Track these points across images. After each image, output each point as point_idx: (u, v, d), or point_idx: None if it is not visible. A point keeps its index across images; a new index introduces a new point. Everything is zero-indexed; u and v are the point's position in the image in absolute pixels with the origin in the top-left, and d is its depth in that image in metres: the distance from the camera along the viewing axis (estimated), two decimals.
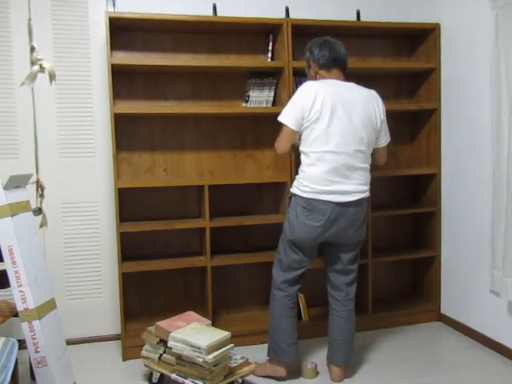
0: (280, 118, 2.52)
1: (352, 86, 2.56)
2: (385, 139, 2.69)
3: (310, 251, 2.60)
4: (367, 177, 2.58)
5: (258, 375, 2.70)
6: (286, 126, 2.50)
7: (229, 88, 3.30)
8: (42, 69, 2.27)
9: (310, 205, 2.47)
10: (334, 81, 2.54)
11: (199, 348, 2.32)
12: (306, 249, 2.58)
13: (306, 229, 2.50)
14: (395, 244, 3.66)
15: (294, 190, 2.55)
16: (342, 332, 2.66)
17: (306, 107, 2.44)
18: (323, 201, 2.45)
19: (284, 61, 3.08)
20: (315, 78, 2.60)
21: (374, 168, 3.54)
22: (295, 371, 2.74)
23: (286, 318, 2.63)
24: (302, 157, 2.54)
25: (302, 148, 2.53)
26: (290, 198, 2.58)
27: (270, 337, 2.69)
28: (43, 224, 2.48)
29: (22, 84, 2.27)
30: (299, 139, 2.54)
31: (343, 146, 2.45)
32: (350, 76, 3.47)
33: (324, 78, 2.56)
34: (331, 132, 2.44)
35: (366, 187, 2.56)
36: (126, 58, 3.12)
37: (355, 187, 2.50)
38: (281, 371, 2.66)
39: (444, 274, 3.44)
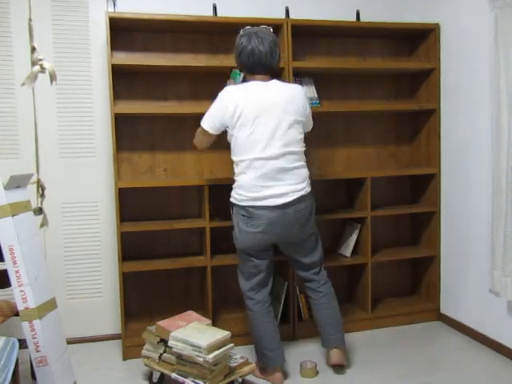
0: (201, 123, 2.58)
1: (275, 86, 2.52)
2: (310, 127, 2.70)
3: (261, 255, 2.60)
4: (303, 174, 2.54)
5: (257, 376, 2.71)
6: (203, 128, 2.57)
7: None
8: (42, 69, 2.27)
9: (248, 212, 2.49)
10: (256, 82, 2.52)
11: (199, 347, 2.32)
12: (255, 254, 2.59)
13: (248, 236, 2.52)
14: (395, 244, 3.67)
15: (231, 199, 2.58)
16: (326, 317, 2.70)
17: (227, 116, 2.48)
18: (259, 206, 2.46)
19: (284, 61, 3.08)
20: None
21: (375, 168, 3.58)
22: (295, 371, 2.74)
23: (263, 324, 2.63)
24: (234, 166, 2.56)
25: (232, 157, 2.55)
26: (232, 207, 2.60)
27: (254, 346, 2.70)
28: (44, 224, 2.49)
29: (23, 84, 2.27)
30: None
31: (270, 150, 2.44)
32: (350, 77, 3.51)
33: (248, 79, 2.59)
34: (256, 138, 2.44)
35: (302, 185, 2.52)
36: (126, 58, 3.13)
37: (289, 187, 2.48)
38: (276, 378, 2.63)
39: (444, 274, 3.44)
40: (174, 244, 3.29)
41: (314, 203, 2.62)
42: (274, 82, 2.55)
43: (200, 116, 3.23)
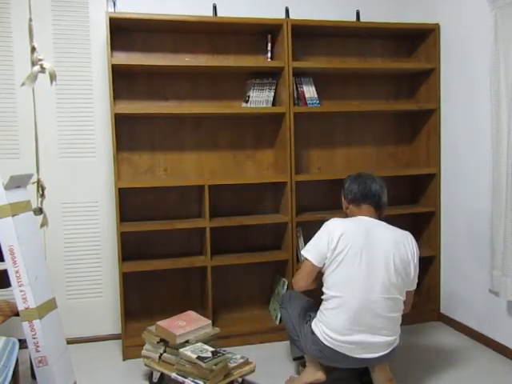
0: (303, 252, 2.38)
1: (382, 225, 2.40)
2: (414, 284, 2.41)
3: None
4: (397, 324, 2.34)
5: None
6: (307, 259, 2.34)
7: (229, 88, 3.31)
8: (42, 69, 2.27)
9: (323, 349, 2.30)
10: (363, 217, 2.39)
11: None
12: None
13: (312, 350, 2.37)
14: None
15: (315, 330, 2.34)
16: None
17: (330, 247, 2.28)
18: (337, 352, 2.26)
19: (284, 61, 3.09)
20: (346, 215, 2.50)
21: (375, 168, 3.57)
22: (295, 371, 2.74)
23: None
24: (323, 299, 2.35)
25: (323, 289, 2.35)
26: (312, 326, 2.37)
27: (290, 340, 2.59)
28: (44, 224, 2.49)
29: (23, 84, 2.27)
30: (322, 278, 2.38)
31: (368, 292, 2.23)
32: (350, 77, 3.51)
33: (354, 214, 2.44)
34: (355, 276, 2.24)
35: (394, 337, 2.31)
36: (126, 58, 3.13)
37: (381, 338, 2.26)
38: (319, 375, 2.47)
39: (444, 274, 3.44)
40: (174, 244, 3.29)
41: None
42: (383, 222, 2.41)
43: (200, 116, 3.25)
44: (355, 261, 2.25)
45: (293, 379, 2.60)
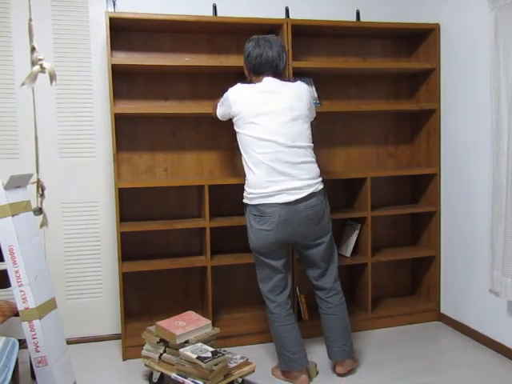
0: (216, 110, 2.71)
1: (278, 83, 2.54)
2: (312, 119, 2.68)
3: (276, 255, 2.56)
4: (313, 170, 2.53)
5: (279, 378, 2.69)
6: (216, 113, 2.71)
7: (228, 88, 3.29)
8: (42, 69, 2.27)
9: (259, 211, 2.48)
10: (262, 82, 2.54)
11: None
12: (270, 254, 2.55)
13: (260, 235, 2.50)
14: (395, 244, 3.67)
15: (244, 199, 2.59)
16: (332, 329, 2.66)
17: (231, 114, 2.55)
18: (269, 204, 2.45)
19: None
20: (250, 80, 2.64)
21: (375, 168, 3.58)
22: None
23: (285, 327, 2.59)
24: (243, 164, 2.58)
25: (242, 156, 2.56)
26: (244, 207, 2.61)
27: (276, 349, 2.65)
28: (43, 224, 2.48)
29: (23, 84, 2.27)
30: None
31: (276, 145, 2.45)
32: (350, 77, 3.51)
33: (254, 81, 2.60)
34: (260, 134, 2.45)
35: (313, 181, 2.51)
36: (126, 58, 3.13)
37: (298, 183, 2.46)
38: (302, 380, 2.58)
39: (443, 274, 3.44)
40: (174, 244, 3.29)
41: (327, 203, 2.61)
42: (278, 80, 2.56)
43: (200, 116, 3.25)
44: (258, 119, 2.46)
45: (276, 369, 2.72)
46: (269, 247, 2.53)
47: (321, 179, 2.58)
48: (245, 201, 2.58)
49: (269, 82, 2.54)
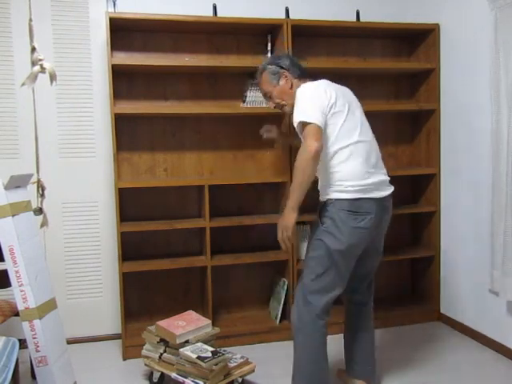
0: (303, 118, 2.16)
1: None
2: None
3: (353, 262, 2.28)
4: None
5: None
6: (311, 124, 2.13)
7: (229, 88, 3.31)
8: (42, 69, 2.27)
9: (355, 206, 2.19)
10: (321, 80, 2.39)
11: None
12: (353, 259, 2.27)
13: (356, 233, 2.19)
14: (395, 244, 3.66)
15: (334, 195, 2.22)
16: (369, 347, 2.47)
17: (327, 104, 2.21)
18: (367, 198, 2.20)
19: None
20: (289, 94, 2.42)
21: None
22: None
23: (323, 354, 2.23)
24: (327, 159, 2.23)
25: (329, 149, 2.23)
26: (326, 207, 2.24)
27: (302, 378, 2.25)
28: (44, 224, 2.49)
29: (23, 84, 2.28)
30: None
31: (365, 134, 2.30)
32: (350, 77, 3.51)
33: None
34: (351, 124, 2.27)
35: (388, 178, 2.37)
36: (126, 58, 3.13)
37: (386, 177, 2.33)
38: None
39: (443, 274, 3.44)
40: (174, 244, 3.29)
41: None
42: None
43: (200, 116, 3.24)
44: (345, 109, 2.27)
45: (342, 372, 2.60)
46: (360, 250, 2.26)
47: None
48: (335, 196, 2.20)
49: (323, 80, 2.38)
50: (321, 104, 2.20)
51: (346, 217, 2.18)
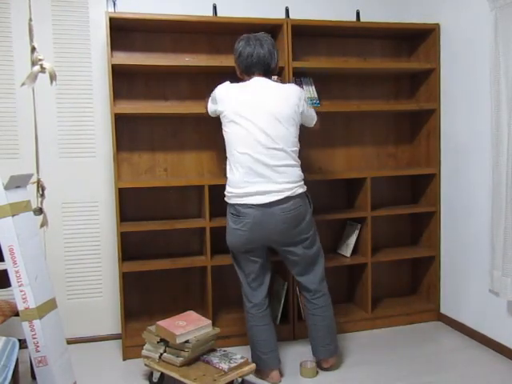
0: (207, 105, 2.68)
1: (268, 84, 2.52)
2: (313, 122, 2.73)
3: (251, 256, 2.58)
4: (292, 174, 2.49)
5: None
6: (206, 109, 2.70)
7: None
8: (42, 69, 2.27)
9: (236, 210, 2.49)
10: (251, 81, 2.53)
11: None
12: (245, 254, 2.58)
13: (235, 234, 2.53)
14: (395, 244, 3.67)
15: (225, 198, 2.58)
16: (317, 329, 2.68)
17: (218, 111, 2.55)
18: (244, 204, 2.46)
19: (284, 61, 3.08)
20: (241, 79, 2.62)
21: (375, 168, 3.58)
22: (295, 371, 2.74)
23: (259, 327, 2.64)
24: (226, 162, 2.57)
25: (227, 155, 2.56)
26: (226, 206, 2.60)
27: (250, 347, 2.71)
28: (44, 224, 2.48)
29: (23, 84, 2.27)
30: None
31: (257, 146, 2.43)
32: (350, 77, 3.51)
33: (245, 80, 2.58)
34: (242, 133, 2.44)
35: (293, 184, 2.48)
36: (126, 58, 3.13)
37: (274, 186, 2.44)
38: (273, 376, 2.64)
39: (443, 274, 3.44)
40: (174, 244, 3.29)
41: (308, 207, 2.58)
42: (267, 80, 2.55)
43: (200, 116, 3.25)
44: (242, 119, 2.44)
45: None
46: (242, 247, 2.56)
47: (302, 183, 2.55)
48: (225, 199, 2.58)
49: (257, 81, 2.52)
50: (211, 107, 2.64)
51: (230, 218, 2.56)
